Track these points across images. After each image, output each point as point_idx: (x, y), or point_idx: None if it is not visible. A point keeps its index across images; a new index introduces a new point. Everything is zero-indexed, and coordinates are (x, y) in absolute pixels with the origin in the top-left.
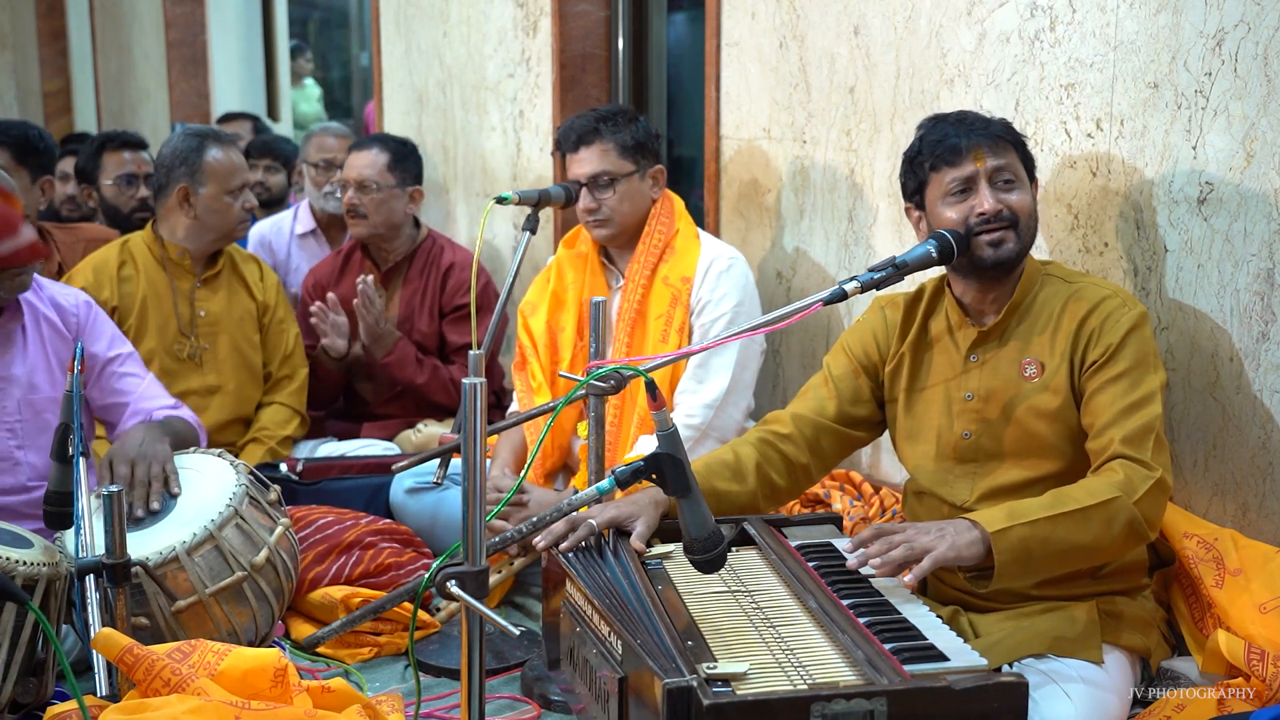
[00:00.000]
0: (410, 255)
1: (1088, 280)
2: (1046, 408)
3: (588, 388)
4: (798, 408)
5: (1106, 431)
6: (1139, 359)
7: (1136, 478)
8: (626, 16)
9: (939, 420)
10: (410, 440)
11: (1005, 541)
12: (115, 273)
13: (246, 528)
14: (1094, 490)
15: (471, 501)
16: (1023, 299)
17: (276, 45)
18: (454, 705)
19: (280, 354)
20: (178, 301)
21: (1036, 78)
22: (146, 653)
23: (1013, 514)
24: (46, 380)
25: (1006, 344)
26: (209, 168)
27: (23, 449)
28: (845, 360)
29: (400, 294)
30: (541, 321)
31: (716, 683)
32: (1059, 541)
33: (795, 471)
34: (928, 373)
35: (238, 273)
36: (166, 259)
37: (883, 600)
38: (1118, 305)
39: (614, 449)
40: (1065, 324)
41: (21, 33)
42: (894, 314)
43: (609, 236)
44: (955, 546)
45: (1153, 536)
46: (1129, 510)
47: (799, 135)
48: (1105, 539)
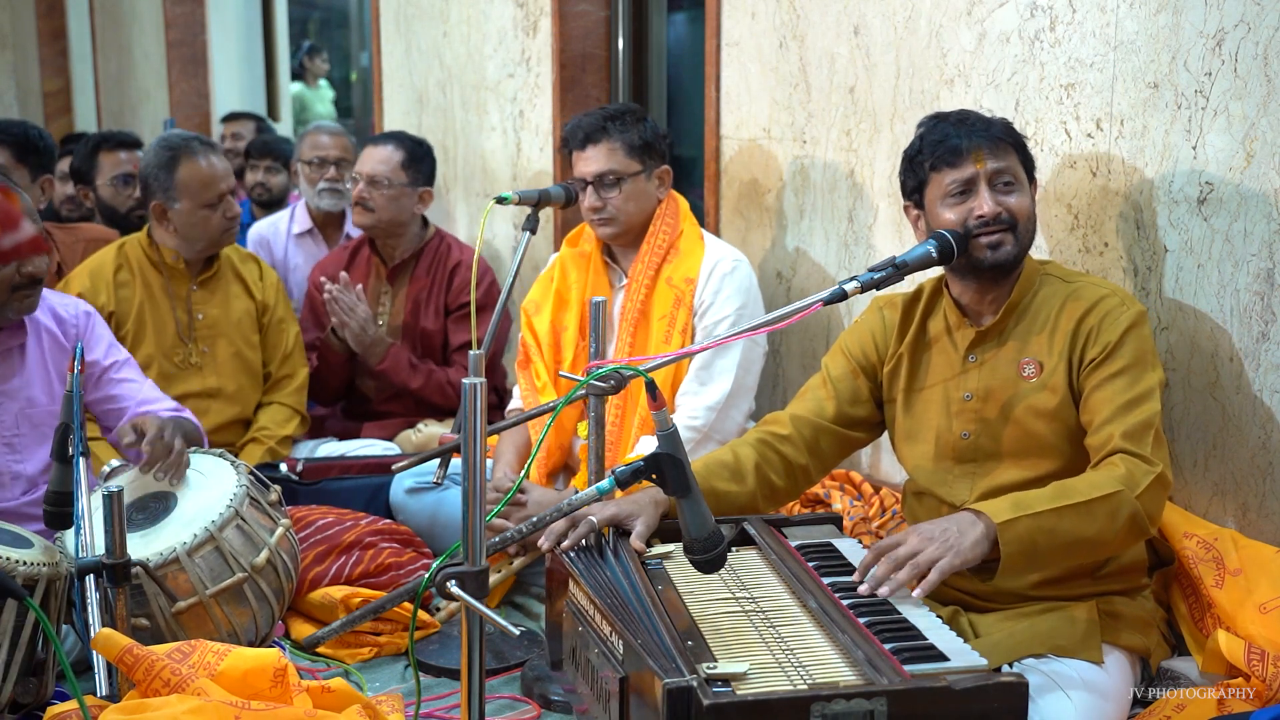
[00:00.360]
0: (418, 254)
1: (1086, 280)
2: (1045, 407)
3: (588, 388)
4: (796, 409)
5: (1106, 427)
6: (1137, 356)
7: (1138, 472)
8: (626, 16)
9: (938, 420)
10: (410, 440)
11: (1012, 533)
12: (112, 278)
13: (247, 529)
14: (1097, 483)
15: (471, 501)
16: (1021, 299)
17: (276, 45)
18: (454, 705)
19: (280, 353)
20: (175, 306)
21: (1036, 78)
22: (146, 653)
23: (1018, 505)
24: (44, 394)
25: (1005, 344)
26: (181, 183)
27: (21, 463)
28: (843, 361)
29: (406, 291)
30: (545, 321)
31: (716, 683)
32: (1064, 534)
33: (794, 472)
34: (926, 373)
35: (236, 273)
36: (162, 263)
37: (882, 600)
38: (1116, 304)
39: (615, 449)
40: (1063, 323)
41: (21, 33)
42: (892, 315)
43: (613, 235)
44: (960, 553)
45: (1153, 532)
46: (1131, 504)
47: (799, 135)
48: (1108, 532)
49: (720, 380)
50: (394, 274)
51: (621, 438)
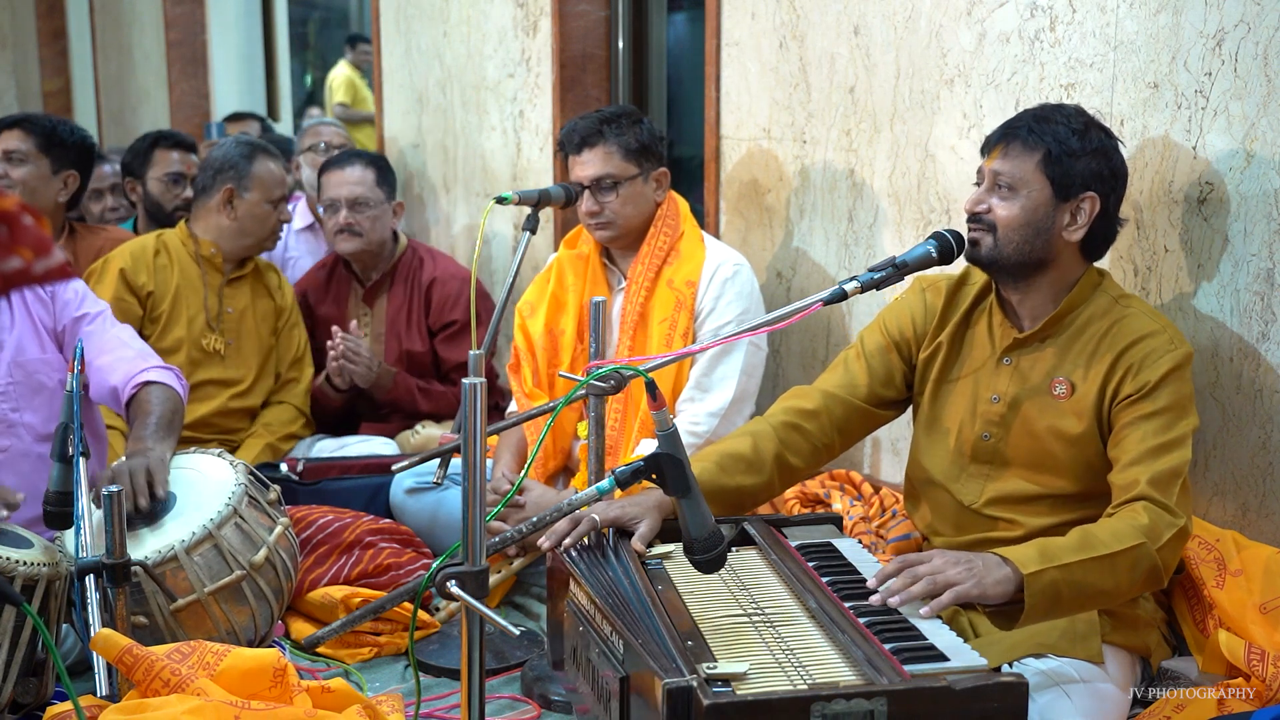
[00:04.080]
0: (391, 271)
1: (1139, 308)
2: (1068, 431)
3: (587, 388)
4: (828, 384)
5: (1133, 469)
6: (1175, 401)
7: (1161, 524)
8: (626, 16)
9: (962, 415)
10: (410, 441)
11: (1039, 584)
12: (152, 260)
13: (245, 527)
14: (1120, 534)
15: (471, 502)
16: (1068, 312)
17: (276, 45)
18: (454, 705)
19: (291, 357)
20: (207, 295)
21: (1036, 78)
22: (146, 653)
23: (1045, 555)
24: (34, 343)
25: (1042, 355)
26: (257, 175)
27: (18, 411)
28: (880, 338)
29: (386, 310)
30: (540, 324)
31: (716, 683)
32: (1087, 586)
33: (818, 451)
34: (961, 366)
35: (260, 277)
36: (199, 255)
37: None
38: (1164, 343)
39: (615, 453)
40: (1105, 350)
41: (21, 33)
42: (934, 299)
43: (611, 239)
44: (981, 584)
45: (1165, 583)
46: (1151, 557)
47: (799, 135)
48: (1126, 584)
49: (723, 387)
50: (370, 294)
51: (622, 443)
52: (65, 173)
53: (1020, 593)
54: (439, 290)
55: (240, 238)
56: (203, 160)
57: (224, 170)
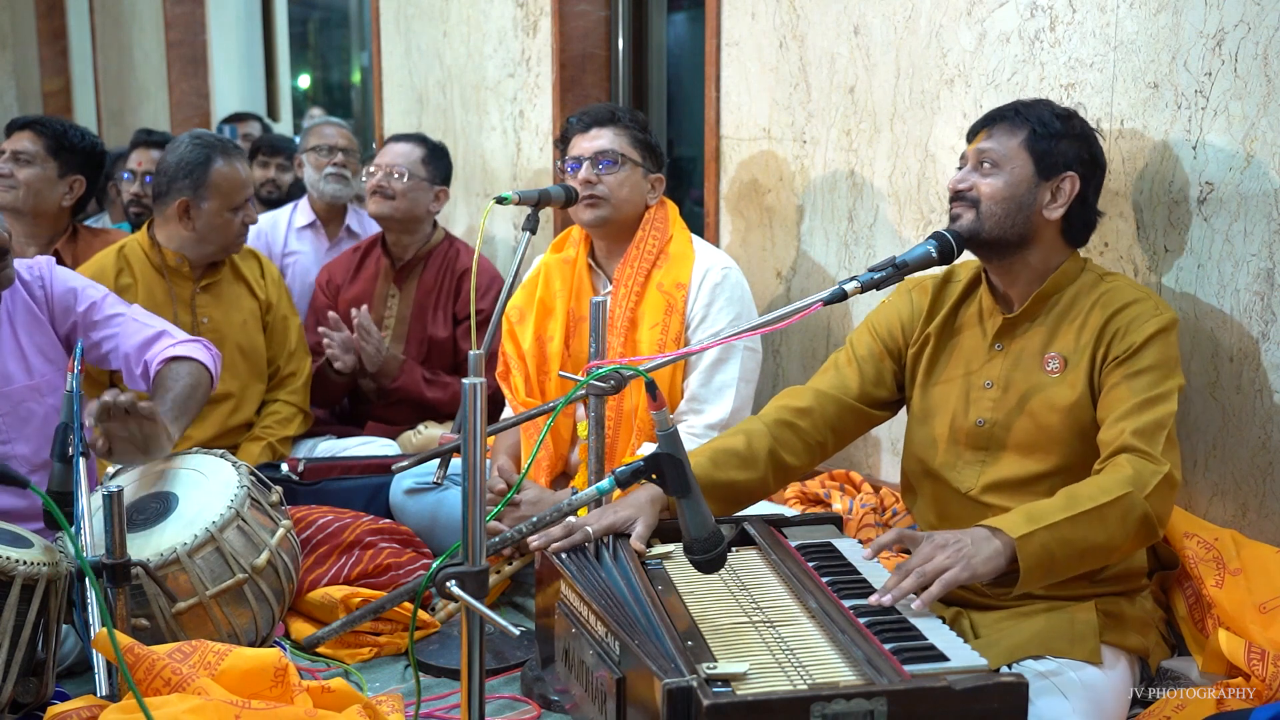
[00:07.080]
0: (426, 255)
1: (1123, 281)
2: (1062, 401)
3: (588, 388)
4: (820, 384)
5: (1119, 423)
6: (1161, 360)
7: (1145, 472)
8: (626, 16)
9: (955, 404)
10: (410, 441)
11: (1030, 546)
12: (113, 281)
13: (248, 529)
14: (1105, 487)
15: (471, 502)
16: (1054, 291)
17: (276, 45)
18: (454, 705)
19: (285, 350)
20: (178, 310)
21: (1036, 78)
22: (147, 652)
23: (1031, 518)
24: (20, 369)
25: (1032, 335)
26: (214, 182)
27: (9, 443)
28: (870, 341)
29: (414, 292)
30: (529, 330)
31: (716, 683)
32: (1079, 542)
33: (811, 449)
34: (951, 357)
35: (238, 274)
36: (164, 266)
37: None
38: (1149, 308)
39: (613, 456)
40: (1092, 320)
41: (21, 33)
42: (920, 298)
43: (600, 221)
44: (970, 566)
45: (1162, 534)
46: (1141, 505)
47: (799, 135)
48: (1120, 536)
49: (723, 398)
50: (401, 275)
51: (621, 448)
52: (72, 177)
53: (1013, 563)
54: (471, 279)
55: (202, 246)
56: (158, 163)
57: (178, 178)
